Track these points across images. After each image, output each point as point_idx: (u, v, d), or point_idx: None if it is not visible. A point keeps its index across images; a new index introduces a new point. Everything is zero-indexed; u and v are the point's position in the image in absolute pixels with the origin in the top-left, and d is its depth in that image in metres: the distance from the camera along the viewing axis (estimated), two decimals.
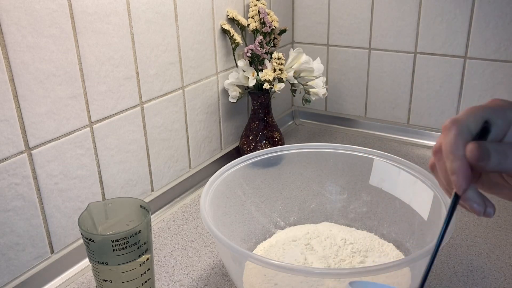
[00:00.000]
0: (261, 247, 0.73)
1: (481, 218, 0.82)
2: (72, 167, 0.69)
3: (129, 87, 0.77)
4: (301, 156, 0.78)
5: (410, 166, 0.69)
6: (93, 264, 0.56)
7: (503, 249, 0.74)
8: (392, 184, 0.72)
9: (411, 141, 1.14)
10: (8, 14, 0.58)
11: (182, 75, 0.88)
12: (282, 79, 0.94)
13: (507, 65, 1.00)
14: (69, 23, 0.65)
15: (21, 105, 0.61)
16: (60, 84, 0.65)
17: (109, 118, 0.74)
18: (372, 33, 1.13)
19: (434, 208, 0.64)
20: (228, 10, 0.96)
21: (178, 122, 0.89)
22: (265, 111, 1.00)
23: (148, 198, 0.84)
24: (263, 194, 0.78)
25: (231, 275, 0.64)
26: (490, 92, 1.03)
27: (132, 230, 0.55)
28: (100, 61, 0.71)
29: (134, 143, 0.80)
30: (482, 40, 1.00)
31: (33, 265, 0.67)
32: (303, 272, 0.52)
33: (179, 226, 0.83)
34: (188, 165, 0.94)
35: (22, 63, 0.60)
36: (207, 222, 0.57)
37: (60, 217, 0.69)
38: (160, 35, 0.81)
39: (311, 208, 0.79)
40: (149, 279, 0.59)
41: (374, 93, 1.18)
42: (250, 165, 0.74)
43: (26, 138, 0.62)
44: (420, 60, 1.09)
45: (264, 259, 0.51)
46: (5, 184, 0.61)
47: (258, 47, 0.93)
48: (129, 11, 0.74)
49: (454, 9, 1.01)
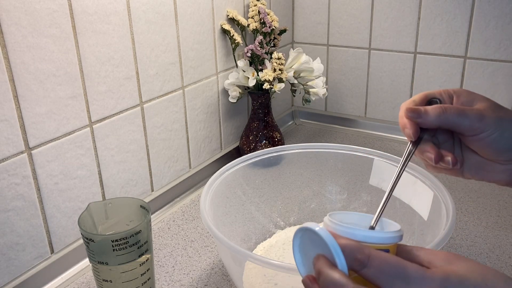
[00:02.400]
0: (261, 247, 0.73)
1: (481, 218, 0.82)
2: (72, 167, 0.69)
3: (129, 87, 0.77)
4: (301, 156, 0.78)
5: (410, 166, 0.69)
6: (93, 264, 0.56)
7: (503, 249, 0.74)
8: None
9: None
10: (8, 14, 0.58)
11: (182, 75, 0.88)
12: (282, 79, 0.94)
13: (507, 65, 1.00)
14: (69, 23, 0.65)
15: (21, 105, 0.61)
16: (60, 84, 0.65)
17: (109, 118, 0.74)
18: (372, 33, 1.13)
19: (434, 208, 0.64)
20: (228, 10, 0.96)
21: (178, 122, 0.89)
22: (265, 111, 1.00)
23: (148, 198, 0.85)
24: (263, 194, 0.78)
25: (231, 275, 0.64)
26: (490, 92, 1.03)
27: (132, 230, 0.55)
28: (100, 61, 0.71)
29: (134, 143, 0.80)
30: (482, 40, 1.00)
31: (33, 265, 0.67)
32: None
33: (179, 226, 0.83)
34: (188, 165, 0.94)
35: (22, 63, 0.60)
36: (207, 222, 0.57)
37: (60, 217, 0.69)
38: (160, 35, 0.81)
39: (311, 208, 0.79)
40: (149, 279, 0.59)
41: (374, 93, 1.18)
42: (250, 165, 0.74)
43: (26, 138, 0.62)
44: (420, 60, 1.09)
45: (264, 259, 0.51)
46: (5, 184, 0.61)
47: (258, 47, 0.93)
48: (129, 11, 0.74)
49: (454, 9, 1.01)
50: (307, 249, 0.38)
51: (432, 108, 0.46)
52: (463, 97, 0.48)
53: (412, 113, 0.46)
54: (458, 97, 0.48)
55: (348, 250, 0.35)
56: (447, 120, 0.45)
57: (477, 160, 0.49)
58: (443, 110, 0.45)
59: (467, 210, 0.85)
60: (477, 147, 0.47)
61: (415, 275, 0.34)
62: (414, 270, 0.34)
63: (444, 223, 0.57)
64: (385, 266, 0.34)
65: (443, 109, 0.45)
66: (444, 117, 0.45)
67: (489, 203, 0.87)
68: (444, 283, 0.33)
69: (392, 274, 0.34)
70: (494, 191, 0.90)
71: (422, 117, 0.46)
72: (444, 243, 0.52)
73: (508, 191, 0.90)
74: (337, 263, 0.34)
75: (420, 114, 0.46)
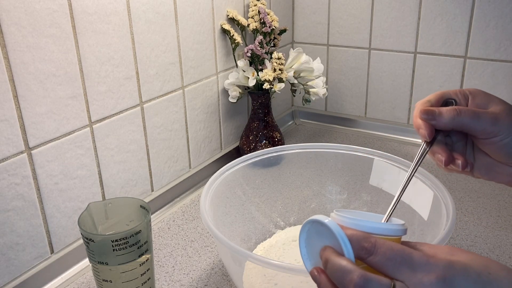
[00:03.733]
0: (261, 247, 0.73)
1: (481, 218, 0.82)
2: (72, 167, 0.69)
3: (129, 87, 0.77)
4: (301, 156, 0.78)
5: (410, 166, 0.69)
6: (93, 264, 0.56)
7: (503, 249, 0.74)
8: (392, 184, 0.72)
9: (411, 141, 1.14)
10: (8, 14, 0.58)
11: (182, 75, 0.88)
12: (282, 79, 0.94)
13: (507, 65, 1.00)
14: (69, 23, 0.65)
15: (21, 105, 0.61)
16: (60, 84, 0.65)
17: (109, 118, 0.74)
18: (372, 33, 1.13)
19: (434, 208, 0.64)
20: (228, 10, 0.96)
21: (178, 122, 0.89)
22: (265, 111, 1.00)
23: (148, 198, 0.84)
24: (263, 194, 0.78)
25: (231, 275, 0.64)
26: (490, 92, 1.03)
27: (132, 230, 0.55)
28: (100, 61, 0.71)
29: (134, 143, 0.80)
30: (482, 40, 1.00)
31: (33, 265, 0.67)
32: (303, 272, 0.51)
33: (179, 226, 0.83)
34: (188, 165, 0.94)
35: (22, 63, 0.60)
36: (207, 222, 0.57)
37: (60, 217, 0.69)
38: (160, 35, 0.81)
39: (311, 208, 0.79)
40: (149, 279, 0.59)
41: (374, 93, 1.18)
42: (250, 165, 0.74)
43: (26, 138, 0.62)
44: (420, 60, 1.09)
45: (264, 259, 0.51)
46: (5, 184, 0.61)
47: (258, 47, 0.93)
48: (129, 11, 0.74)
49: (454, 9, 1.01)
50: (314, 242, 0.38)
51: (446, 110, 0.45)
52: (478, 98, 0.48)
53: (426, 115, 0.46)
54: (474, 98, 0.48)
55: (355, 239, 0.35)
56: (461, 123, 0.45)
57: (487, 161, 0.49)
58: (457, 112, 0.45)
59: (467, 210, 0.85)
60: (489, 149, 0.47)
61: (420, 261, 0.34)
62: (419, 257, 0.35)
63: (444, 223, 0.57)
64: (390, 253, 0.35)
65: (458, 112, 0.45)
66: (458, 120, 0.45)
67: (489, 203, 0.87)
68: (448, 269, 0.34)
69: (398, 261, 0.34)
70: (494, 191, 0.90)
71: (437, 119, 0.46)
72: (444, 243, 0.52)
73: (508, 191, 0.90)
74: (344, 252, 0.35)
75: (434, 116, 0.46)
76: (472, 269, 0.34)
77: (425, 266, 0.34)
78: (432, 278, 0.33)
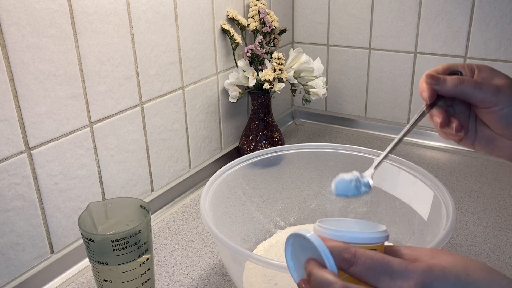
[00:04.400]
0: (261, 247, 0.73)
1: (481, 218, 0.82)
2: (72, 167, 0.69)
3: (129, 87, 0.77)
4: (301, 156, 0.78)
5: (410, 166, 0.69)
6: (93, 264, 0.56)
7: (503, 249, 0.74)
8: (392, 184, 0.72)
9: (411, 141, 1.14)
10: (8, 14, 0.58)
11: (182, 75, 0.88)
12: (282, 79, 0.94)
13: (507, 65, 1.00)
14: (69, 23, 0.65)
15: (21, 105, 0.61)
16: (60, 84, 0.65)
17: (109, 118, 0.74)
18: (372, 33, 1.13)
19: (434, 208, 0.64)
20: (228, 10, 0.96)
21: (178, 122, 0.89)
22: (265, 111, 1.00)
23: (148, 198, 0.84)
24: (263, 194, 0.78)
25: (231, 275, 0.64)
26: None
27: (132, 230, 0.55)
28: (100, 61, 0.71)
29: (134, 143, 0.80)
30: (482, 40, 1.00)
31: (33, 265, 0.67)
32: None
33: (179, 226, 0.83)
34: (188, 165, 0.94)
35: (22, 63, 0.60)
36: (207, 222, 0.57)
37: (60, 217, 0.69)
38: (160, 35, 0.81)
39: (311, 208, 0.79)
40: (149, 279, 0.59)
41: (374, 93, 1.18)
42: (250, 165, 0.74)
43: (26, 138, 0.62)
44: (420, 60, 1.09)
45: (264, 259, 0.51)
46: (5, 184, 0.61)
47: (258, 47, 0.93)
48: (129, 11, 0.74)
49: (454, 9, 1.01)
50: (299, 255, 0.39)
51: (450, 78, 0.48)
52: (484, 72, 0.50)
53: (431, 79, 0.49)
54: (480, 72, 0.50)
55: (336, 251, 0.36)
56: (462, 91, 0.48)
57: (488, 134, 0.51)
58: (460, 81, 0.48)
59: (467, 210, 0.85)
60: (488, 119, 0.49)
61: (398, 268, 0.35)
62: (398, 264, 0.35)
63: (444, 223, 0.57)
64: (370, 263, 0.35)
65: (461, 80, 0.48)
66: (460, 88, 0.48)
67: (489, 203, 0.87)
68: (426, 274, 0.35)
69: (377, 270, 0.35)
70: (494, 191, 0.90)
71: (440, 84, 0.48)
72: (444, 243, 0.52)
73: (508, 191, 0.90)
74: (326, 264, 0.36)
75: (438, 81, 0.49)
76: (451, 272, 0.35)
77: (404, 273, 0.35)
78: (411, 284, 0.34)
